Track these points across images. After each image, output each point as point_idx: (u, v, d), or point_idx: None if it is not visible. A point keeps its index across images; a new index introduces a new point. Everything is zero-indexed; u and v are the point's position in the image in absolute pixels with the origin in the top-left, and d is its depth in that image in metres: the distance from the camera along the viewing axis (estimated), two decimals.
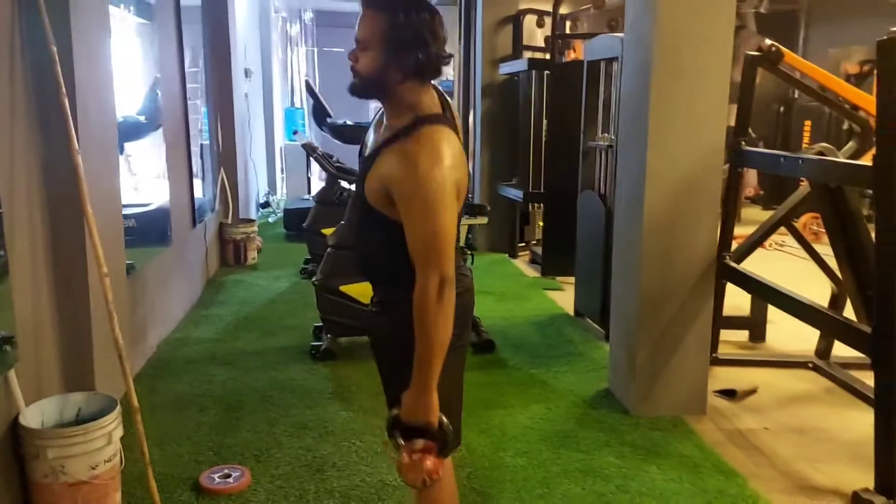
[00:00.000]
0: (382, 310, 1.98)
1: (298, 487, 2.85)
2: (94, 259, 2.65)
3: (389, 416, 1.82)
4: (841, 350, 4.10)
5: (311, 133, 9.64)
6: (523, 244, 7.01)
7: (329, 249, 4.37)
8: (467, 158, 7.25)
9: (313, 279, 4.37)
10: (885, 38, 2.68)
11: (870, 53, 9.63)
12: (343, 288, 4.27)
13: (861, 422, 3.50)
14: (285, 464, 3.03)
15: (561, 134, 5.69)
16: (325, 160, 4.45)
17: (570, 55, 6.98)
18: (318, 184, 10.09)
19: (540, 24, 6.95)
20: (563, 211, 5.65)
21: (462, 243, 4.37)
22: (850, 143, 3.74)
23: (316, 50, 11.36)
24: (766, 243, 5.83)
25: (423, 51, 1.72)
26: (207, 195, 6.18)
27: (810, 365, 4.11)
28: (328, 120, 7.50)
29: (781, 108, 9.04)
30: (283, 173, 10.65)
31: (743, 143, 3.69)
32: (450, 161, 1.70)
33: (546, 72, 6.04)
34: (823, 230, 4.03)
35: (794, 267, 5.61)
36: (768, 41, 3.50)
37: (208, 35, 6.29)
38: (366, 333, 2.18)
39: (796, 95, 8.59)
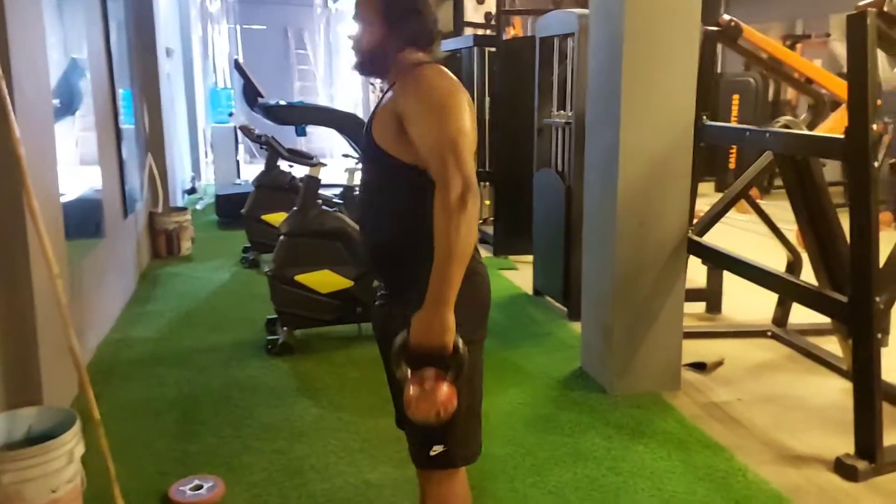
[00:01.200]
0: (394, 303, 1.84)
1: (278, 494, 2.67)
2: (39, 259, 2.38)
3: (397, 342, 1.64)
4: (796, 318, 4.22)
5: (239, 114, 9.24)
6: None
7: (282, 237, 4.15)
8: None
9: (266, 269, 4.14)
10: (854, 12, 2.68)
11: (789, 29, 9.97)
12: (299, 278, 4.07)
13: (826, 387, 3.59)
14: (260, 469, 2.83)
15: (508, 112, 5.59)
16: (275, 143, 4.19)
17: (510, 32, 6.88)
18: (247, 168, 9.72)
19: (480, 1, 6.81)
20: (513, 190, 5.57)
21: None
22: (805, 115, 3.78)
23: (239, 27, 10.86)
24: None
25: (418, 20, 1.79)
26: (134, 183, 5.79)
27: (769, 333, 4.19)
28: (260, 100, 7.13)
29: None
30: (206, 157, 10.19)
31: (704, 117, 3.68)
32: (453, 81, 1.73)
33: (492, 49, 5.91)
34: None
35: (742, 238, 5.73)
36: (727, 16, 3.48)
37: (130, 9, 5.86)
38: (373, 329, 2.03)
39: (720, 70, 8.79)
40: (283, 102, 7.29)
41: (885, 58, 8.06)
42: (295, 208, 4.17)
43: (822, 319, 4.17)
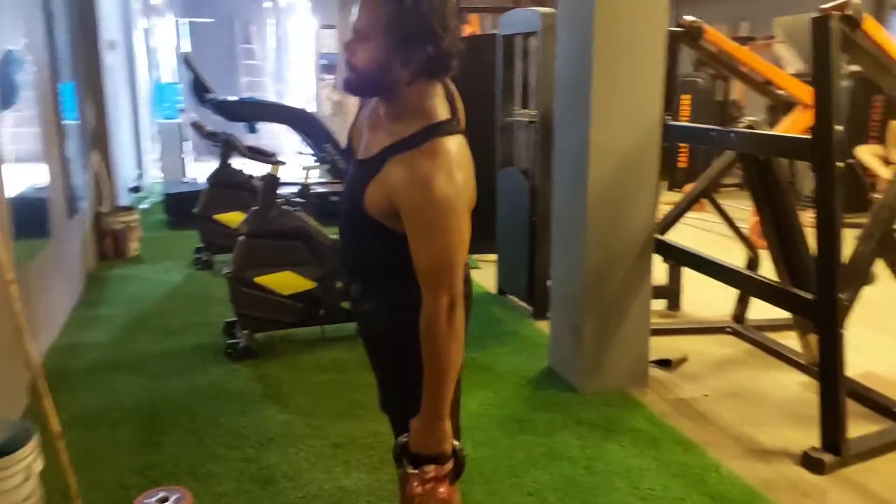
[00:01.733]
0: (379, 307, 1.78)
1: None
2: None
3: (397, 443, 1.66)
4: (753, 314, 4.30)
5: (189, 109, 8.97)
6: None
7: (241, 238, 4.03)
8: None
9: (224, 271, 4.01)
10: (819, 14, 2.73)
11: (733, 31, 10.21)
12: (259, 280, 3.96)
13: (786, 381, 3.67)
14: (229, 479, 2.74)
15: (468, 110, 5.53)
16: (235, 141, 4.05)
17: (467, 29, 6.85)
18: (194, 166, 9.45)
19: None
20: None
21: None
22: (763, 116, 3.85)
23: (184, 20, 10.54)
24: None
25: (434, 45, 1.47)
26: (79, 181, 5.55)
27: (728, 329, 4.26)
28: (208, 96, 6.94)
29: None
30: (150, 154, 9.87)
31: (668, 118, 3.72)
32: (462, 175, 1.51)
33: None
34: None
35: (695, 235, 5.83)
36: (689, 17, 3.52)
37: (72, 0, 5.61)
38: (358, 331, 1.96)
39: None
40: (233, 98, 7.13)
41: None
42: (254, 208, 4.05)
43: (779, 315, 4.30)
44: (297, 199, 5.02)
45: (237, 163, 5.93)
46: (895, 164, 6.08)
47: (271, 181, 4.03)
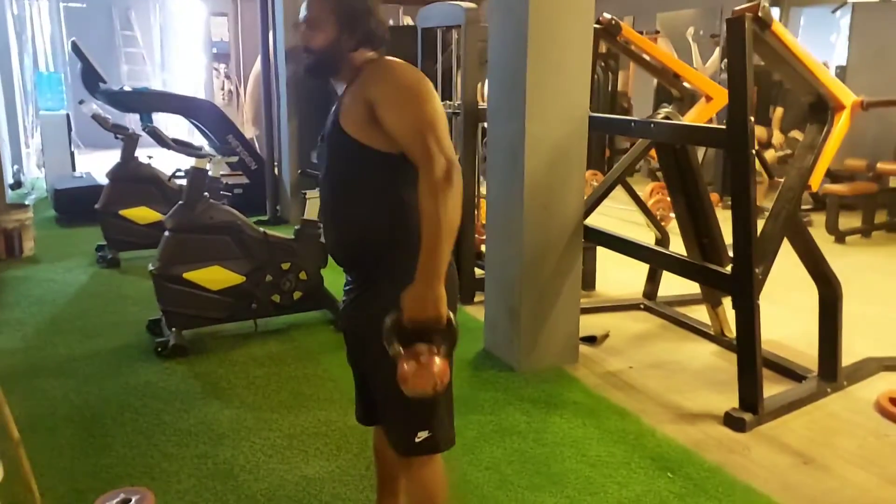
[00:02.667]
0: (367, 290, 1.85)
1: (214, 499, 2.57)
2: None
3: (389, 320, 1.67)
4: (661, 291, 4.64)
5: (70, 99, 8.46)
6: None
7: (167, 234, 3.91)
8: (273, 127, 6.87)
9: (150, 267, 3.89)
10: (733, 16, 3.00)
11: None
12: (187, 275, 3.87)
13: (699, 351, 4.00)
14: (187, 476, 2.70)
15: None
16: (160, 133, 3.89)
17: None
18: (83, 159, 8.93)
19: None
20: None
21: (315, 216, 4.16)
22: (672, 106, 4.16)
23: (61, 5, 9.88)
24: None
25: (370, 20, 1.81)
26: None
27: (641, 306, 4.57)
28: (101, 86, 6.61)
29: None
30: (27, 147, 9.24)
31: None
32: (422, 73, 1.79)
33: None
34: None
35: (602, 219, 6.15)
36: (607, 15, 3.74)
37: None
38: (343, 324, 2.00)
39: None
40: (128, 88, 6.84)
41: (697, 52, 8.95)
42: (180, 202, 3.94)
43: (685, 292, 4.67)
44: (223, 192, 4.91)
45: (143, 156, 5.72)
46: (776, 146, 6.66)
47: (198, 175, 3.93)
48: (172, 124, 9.14)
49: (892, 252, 6.20)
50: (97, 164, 8.54)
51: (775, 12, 9.04)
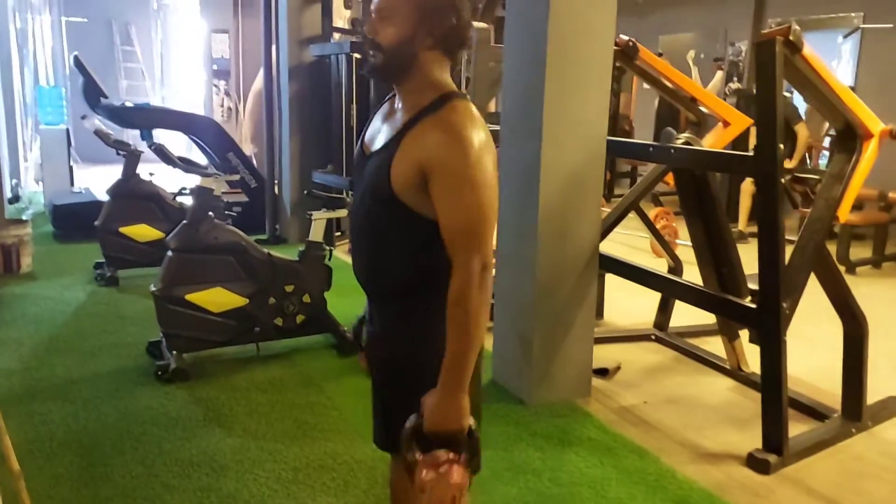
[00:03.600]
0: (396, 325, 1.73)
1: None
2: None
3: (409, 426, 1.57)
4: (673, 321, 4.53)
5: (69, 114, 8.36)
6: (340, 233, 6.74)
7: (170, 253, 3.80)
8: (274, 145, 6.79)
9: (152, 288, 3.77)
10: (761, 40, 2.93)
11: None
12: (189, 297, 3.75)
13: (715, 386, 3.88)
14: None
15: None
16: (166, 151, 3.78)
17: None
18: (81, 174, 8.82)
19: (347, 6, 6.68)
20: None
21: (320, 238, 4.06)
22: (687, 132, 4.08)
23: (64, 20, 9.81)
24: None
25: (457, 15, 1.56)
26: None
27: (653, 337, 4.46)
28: (103, 101, 6.53)
29: None
30: (25, 161, 9.13)
31: None
32: (486, 133, 1.56)
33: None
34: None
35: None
36: (624, 37, 3.67)
37: None
38: (369, 359, 1.87)
39: None
40: (129, 104, 6.76)
41: (697, 75, 8.91)
42: (185, 221, 3.83)
43: (697, 322, 4.57)
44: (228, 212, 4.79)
45: (144, 173, 5.61)
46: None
47: (203, 194, 3.83)
48: (169, 141, 9.05)
49: None
50: (95, 180, 8.45)
51: None
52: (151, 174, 5.59)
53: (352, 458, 2.96)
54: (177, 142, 8.95)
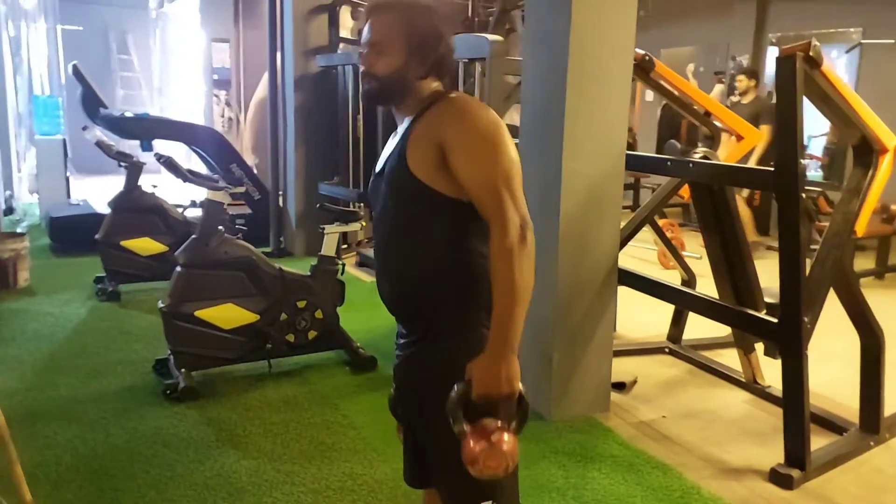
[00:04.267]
0: (427, 346, 1.69)
1: None
2: None
3: (455, 394, 1.50)
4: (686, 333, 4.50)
5: (66, 123, 8.26)
6: (346, 246, 6.68)
7: (179, 269, 3.73)
8: (278, 156, 6.72)
9: (160, 304, 3.70)
10: (782, 55, 2.90)
11: None
12: (199, 313, 3.69)
13: (731, 399, 3.85)
14: None
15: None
16: (175, 163, 3.70)
17: None
18: (76, 185, 8.72)
19: (354, 17, 6.64)
20: None
21: (333, 253, 4.00)
22: (701, 147, 4.06)
23: (59, 28, 9.71)
24: None
25: (443, 44, 1.69)
26: None
27: (666, 350, 4.43)
28: (102, 111, 6.46)
29: None
30: (19, 172, 9.02)
31: None
32: (497, 114, 1.66)
33: None
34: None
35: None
36: (640, 51, 3.65)
37: None
38: (395, 379, 1.83)
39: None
40: (130, 114, 6.68)
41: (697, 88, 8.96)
42: (194, 236, 3.77)
43: (707, 335, 4.54)
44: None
45: (147, 185, 5.53)
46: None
47: (213, 208, 3.77)
48: (171, 152, 8.97)
49: None
50: (91, 191, 8.36)
51: (773, 51, 9.11)
52: (154, 186, 5.52)
53: (372, 478, 2.91)
54: (177, 153, 8.89)
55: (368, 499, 2.78)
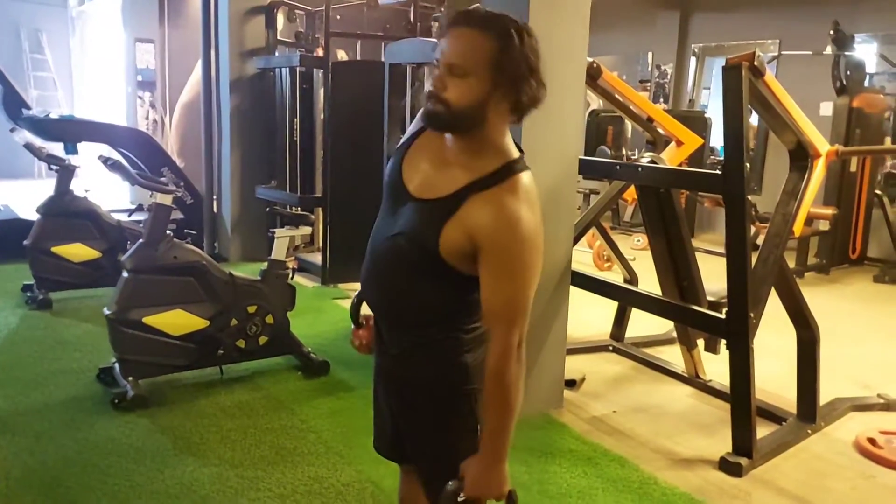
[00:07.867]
0: (417, 353, 1.70)
1: None
2: None
3: (449, 489, 1.58)
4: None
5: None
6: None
7: (126, 275, 3.61)
8: (213, 159, 6.58)
9: (105, 311, 3.57)
10: (729, 65, 3.07)
11: None
12: (147, 320, 3.58)
13: (676, 394, 4.01)
14: None
15: (342, 136, 5.47)
16: (122, 167, 3.56)
17: (319, 52, 6.71)
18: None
19: (291, 19, 6.57)
20: (346, 216, 5.45)
21: (283, 257, 3.96)
22: (644, 150, 4.22)
23: None
24: None
25: (535, 84, 1.52)
26: None
27: (610, 348, 4.57)
28: (25, 112, 6.16)
29: None
30: None
31: None
32: (539, 210, 1.57)
33: (320, 70, 5.72)
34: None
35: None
36: (588, 58, 3.77)
37: None
38: (389, 383, 1.82)
39: None
40: (55, 116, 6.39)
41: None
42: (141, 241, 3.66)
43: (650, 332, 4.72)
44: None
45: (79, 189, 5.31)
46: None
47: (161, 211, 3.67)
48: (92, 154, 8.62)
49: (823, 292, 6.49)
50: (12, 196, 7.94)
51: (693, 62, 9.53)
52: (87, 190, 5.31)
53: (338, 481, 2.89)
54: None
55: (336, 501, 2.77)
